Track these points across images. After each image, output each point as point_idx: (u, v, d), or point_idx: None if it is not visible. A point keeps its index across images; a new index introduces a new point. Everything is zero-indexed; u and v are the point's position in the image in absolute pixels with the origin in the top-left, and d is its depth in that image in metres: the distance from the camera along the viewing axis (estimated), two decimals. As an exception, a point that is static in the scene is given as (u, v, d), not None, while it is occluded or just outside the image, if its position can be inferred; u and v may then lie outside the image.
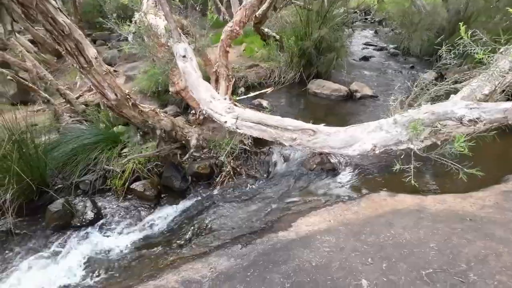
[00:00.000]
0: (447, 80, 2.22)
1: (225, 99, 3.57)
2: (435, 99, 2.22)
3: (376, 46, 8.11)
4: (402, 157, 2.09)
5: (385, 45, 8.16)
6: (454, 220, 2.15)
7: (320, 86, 5.02)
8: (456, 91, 2.40)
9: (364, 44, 8.30)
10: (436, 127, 1.90)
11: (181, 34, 3.40)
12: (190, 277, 1.98)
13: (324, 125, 2.36)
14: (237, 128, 2.19)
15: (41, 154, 3.05)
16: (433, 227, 2.07)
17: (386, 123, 1.89)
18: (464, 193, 2.57)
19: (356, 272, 1.75)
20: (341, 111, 4.68)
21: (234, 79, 3.81)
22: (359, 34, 9.36)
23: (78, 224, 2.82)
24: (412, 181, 2.10)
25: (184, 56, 3.22)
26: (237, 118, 2.23)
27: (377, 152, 1.79)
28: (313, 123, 2.39)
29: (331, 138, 1.95)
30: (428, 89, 2.17)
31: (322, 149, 2.00)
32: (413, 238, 1.98)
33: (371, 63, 6.82)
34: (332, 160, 3.24)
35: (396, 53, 7.42)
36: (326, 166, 3.17)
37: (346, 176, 3.11)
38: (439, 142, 2.07)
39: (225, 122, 2.24)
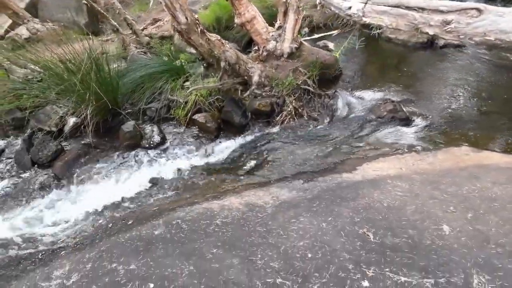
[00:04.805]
0: None
1: (292, 34, 3.33)
2: None
3: (467, -12, 6.80)
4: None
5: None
6: (559, 182, 1.85)
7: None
8: None
9: (452, -14, 7.00)
10: None
11: None
12: (253, 201, 2.03)
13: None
14: (363, 15, 1.81)
15: (115, 77, 3.21)
16: (531, 185, 1.81)
17: None
18: None
19: (435, 217, 1.62)
20: (417, 60, 4.12)
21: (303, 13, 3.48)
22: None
23: (147, 146, 3.02)
24: None
25: None
26: (366, 2, 1.82)
27: None
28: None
29: (505, 19, 1.50)
30: None
31: (486, 35, 1.55)
32: (506, 194, 1.76)
33: (459, 8, 5.78)
34: (405, 109, 2.94)
35: (493, -3, 6.15)
36: (398, 115, 2.88)
37: (420, 127, 2.82)
38: None
39: (349, 8, 1.86)
